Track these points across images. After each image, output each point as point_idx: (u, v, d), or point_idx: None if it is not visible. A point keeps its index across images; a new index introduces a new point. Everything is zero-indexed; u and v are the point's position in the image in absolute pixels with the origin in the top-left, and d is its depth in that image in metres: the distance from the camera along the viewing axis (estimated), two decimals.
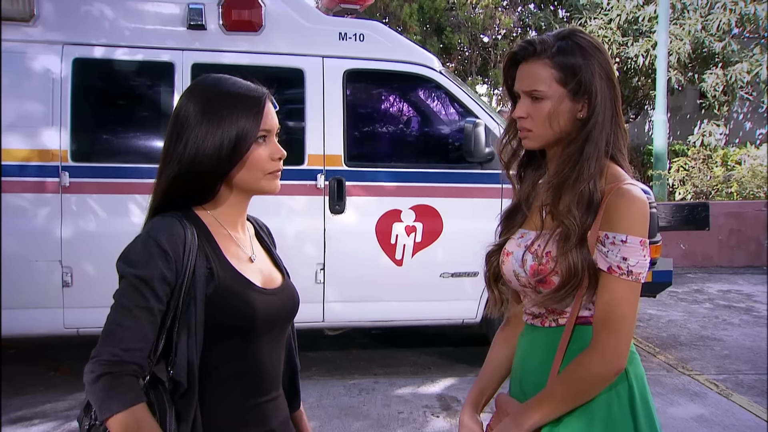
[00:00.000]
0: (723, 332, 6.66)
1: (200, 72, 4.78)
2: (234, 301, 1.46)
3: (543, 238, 1.61)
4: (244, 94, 1.49)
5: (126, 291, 1.38)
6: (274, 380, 1.58)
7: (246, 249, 1.57)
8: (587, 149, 1.60)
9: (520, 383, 1.70)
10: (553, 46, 1.61)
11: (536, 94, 1.61)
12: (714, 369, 5.54)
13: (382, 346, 6.22)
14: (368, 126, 5.62)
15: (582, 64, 1.60)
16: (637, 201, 1.57)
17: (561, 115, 1.61)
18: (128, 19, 4.82)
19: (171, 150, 1.48)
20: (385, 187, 5.09)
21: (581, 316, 1.60)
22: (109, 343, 1.35)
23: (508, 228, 1.75)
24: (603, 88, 1.62)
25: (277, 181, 1.54)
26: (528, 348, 1.70)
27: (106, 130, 4.97)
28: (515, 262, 1.66)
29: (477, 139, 4.89)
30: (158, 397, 1.40)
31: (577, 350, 1.59)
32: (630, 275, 1.53)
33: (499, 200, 5.02)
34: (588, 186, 1.57)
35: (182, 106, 1.49)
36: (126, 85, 5.03)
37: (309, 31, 5.01)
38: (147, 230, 1.44)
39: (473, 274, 5.05)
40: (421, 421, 4.43)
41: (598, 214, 1.56)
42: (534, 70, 1.61)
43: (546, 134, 1.63)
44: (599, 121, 1.61)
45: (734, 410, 4.66)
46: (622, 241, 1.53)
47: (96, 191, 4.68)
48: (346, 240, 4.99)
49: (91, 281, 4.56)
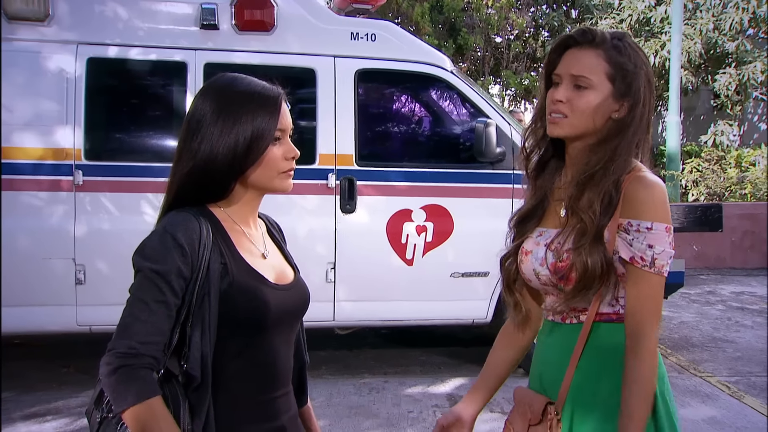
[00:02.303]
0: (735, 334, 6.63)
1: (213, 71, 4.82)
2: (247, 296, 1.47)
3: (563, 236, 1.61)
4: (259, 94, 1.50)
5: (142, 285, 1.40)
6: (285, 376, 1.59)
7: (258, 245, 1.58)
8: (620, 150, 1.59)
9: (540, 379, 1.71)
10: (610, 41, 1.61)
11: (583, 82, 1.59)
12: (726, 371, 5.51)
13: (393, 345, 6.23)
14: (379, 126, 5.64)
15: (632, 68, 1.61)
16: (657, 186, 1.57)
17: (600, 110, 1.60)
18: (142, 19, 4.85)
19: (186, 147, 1.49)
20: (396, 186, 5.09)
21: (601, 313, 1.60)
22: (126, 336, 1.37)
23: (523, 228, 1.74)
24: (646, 95, 1.62)
25: (290, 180, 1.55)
26: (549, 344, 1.71)
27: (119, 129, 5.02)
28: (535, 260, 1.66)
29: (488, 139, 4.89)
30: (172, 390, 1.41)
31: (595, 347, 1.60)
32: (653, 267, 1.53)
33: (510, 200, 5.01)
34: (612, 185, 1.57)
35: (198, 104, 1.51)
36: (139, 84, 5.06)
37: (321, 31, 5.03)
38: (163, 225, 1.45)
39: (484, 274, 5.05)
40: (430, 420, 4.43)
41: (618, 204, 1.57)
42: (587, 58, 1.61)
43: (579, 125, 1.61)
44: (637, 126, 1.61)
45: (746, 412, 4.64)
46: (647, 228, 1.53)
47: (109, 190, 4.72)
48: (356, 239, 5.00)
49: (104, 279, 4.60)
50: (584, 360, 1.60)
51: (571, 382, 1.61)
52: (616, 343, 1.59)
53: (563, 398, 1.61)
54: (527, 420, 1.65)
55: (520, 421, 1.68)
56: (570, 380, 1.61)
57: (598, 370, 1.60)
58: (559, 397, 1.62)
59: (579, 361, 1.60)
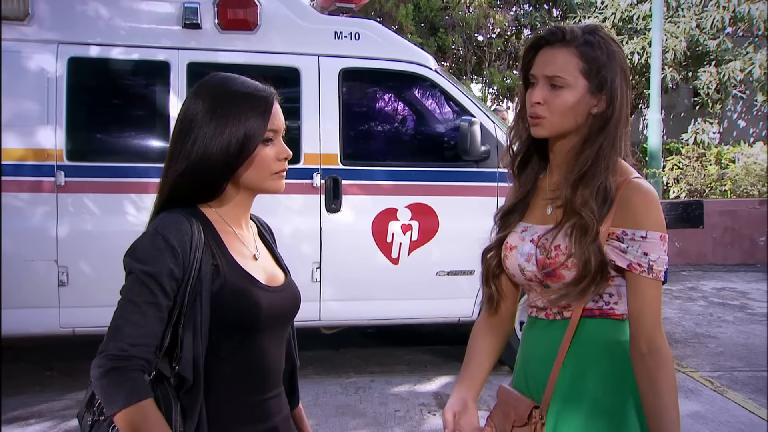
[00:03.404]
0: (717, 329, 6.69)
1: (196, 71, 4.81)
2: (239, 298, 1.46)
3: (553, 233, 1.61)
4: (252, 94, 1.49)
5: (134, 286, 1.39)
6: (276, 377, 1.58)
7: (250, 247, 1.58)
8: (605, 146, 1.60)
9: (525, 376, 1.70)
10: (581, 37, 1.61)
11: (558, 82, 1.59)
12: (709, 366, 5.57)
13: (378, 344, 6.22)
14: (364, 125, 5.63)
15: (606, 61, 1.60)
16: (651, 195, 1.58)
17: (578, 107, 1.60)
18: (123, 18, 4.81)
19: (178, 147, 1.48)
20: (381, 185, 5.09)
21: (585, 308, 1.60)
22: (117, 338, 1.35)
23: (507, 222, 1.74)
24: (623, 87, 1.62)
25: (282, 181, 1.55)
26: (533, 341, 1.71)
27: (101, 130, 4.96)
28: (520, 255, 1.65)
29: (473, 137, 4.89)
30: (164, 392, 1.40)
31: (580, 344, 1.60)
32: (651, 272, 1.54)
33: (495, 198, 5.02)
34: (604, 182, 1.58)
35: (190, 104, 1.50)
36: (121, 84, 5.02)
37: (304, 30, 5.01)
38: (155, 226, 1.44)
39: (469, 272, 5.06)
40: (417, 419, 4.44)
41: (612, 208, 1.57)
42: (560, 57, 1.60)
43: (559, 124, 1.61)
44: (617, 120, 1.62)
45: (729, 407, 4.68)
46: (642, 237, 1.54)
47: (92, 190, 4.67)
48: (342, 239, 5.00)
49: (87, 281, 4.56)
50: (570, 357, 1.60)
51: (556, 381, 1.61)
52: (600, 339, 1.60)
53: (548, 399, 1.61)
54: (512, 421, 1.65)
55: (503, 420, 1.68)
56: (555, 379, 1.61)
57: (583, 368, 1.60)
58: (544, 400, 1.61)
59: (565, 359, 1.60)
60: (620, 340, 1.60)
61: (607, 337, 1.60)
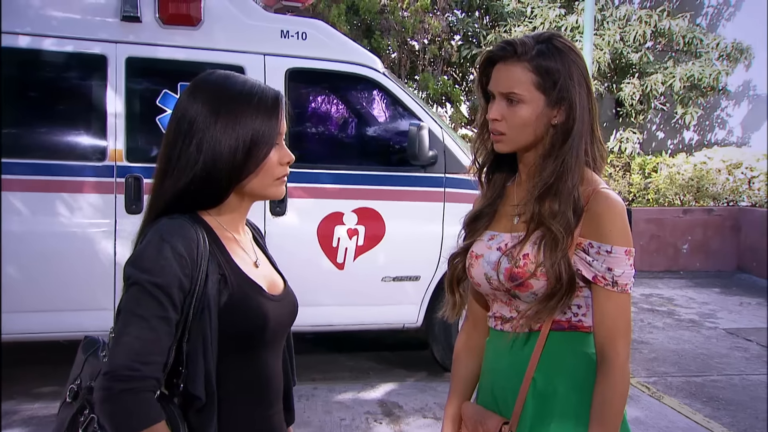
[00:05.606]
0: (649, 335, 6.87)
1: (136, 66, 4.60)
2: (248, 309, 1.35)
3: (521, 243, 1.57)
4: (259, 94, 1.38)
5: (140, 299, 1.25)
6: (278, 392, 1.49)
7: (250, 253, 1.48)
8: (569, 158, 1.56)
9: (491, 389, 1.66)
10: (533, 48, 1.56)
11: (513, 97, 1.56)
12: (644, 372, 5.69)
13: (320, 350, 6.10)
14: (310, 127, 5.50)
15: (561, 69, 1.56)
16: (618, 207, 1.56)
17: (537, 121, 1.57)
18: (56, 7, 4.56)
19: (179, 153, 1.35)
20: (326, 189, 4.98)
21: (555, 320, 1.57)
22: (126, 357, 1.21)
23: (473, 230, 1.70)
24: (582, 95, 1.59)
25: (283, 186, 1.46)
26: (497, 355, 1.66)
27: (32, 125, 4.66)
28: (487, 264, 1.61)
29: (421, 142, 4.84)
30: (168, 412, 1.27)
31: (551, 357, 1.57)
32: (616, 286, 1.52)
33: (442, 204, 5.01)
34: (573, 195, 1.55)
35: (187, 105, 1.37)
36: (54, 78, 4.74)
37: (250, 28, 4.86)
38: (159, 233, 1.30)
39: (415, 278, 5.02)
40: (363, 427, 4.35)
41: (580, 219, 1.54)
42: (512, 73, 1.56)
43: (520, 139, 1.59)
44: (579, 131, 1.58)
45: (666, 412, 4.79)
46: (607, 252, 1.52)
47: (21, 189, 4.38)
48: (286, 243, 4.83)
49: (15, 285, 4.25)
50: (539, 372, 1.57)
51: (525, 396, 1.57)
52: (569, 353, 1.58)
53: (518, 414, 1.57)
54: None
55: None
56: (525, 394, 1.57)
57: (554, 382, 1.57)
58: (514, 415, 1.58)
59: (534, 373, 1.57)
60: (589, 353, 1.58)
61: (576, 351, 1.58)
